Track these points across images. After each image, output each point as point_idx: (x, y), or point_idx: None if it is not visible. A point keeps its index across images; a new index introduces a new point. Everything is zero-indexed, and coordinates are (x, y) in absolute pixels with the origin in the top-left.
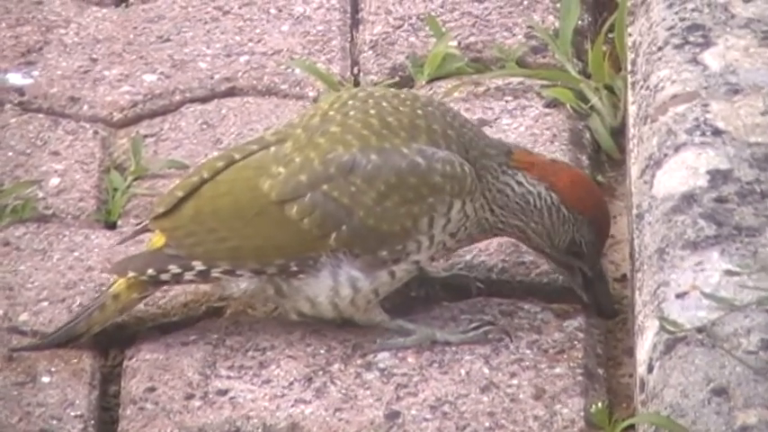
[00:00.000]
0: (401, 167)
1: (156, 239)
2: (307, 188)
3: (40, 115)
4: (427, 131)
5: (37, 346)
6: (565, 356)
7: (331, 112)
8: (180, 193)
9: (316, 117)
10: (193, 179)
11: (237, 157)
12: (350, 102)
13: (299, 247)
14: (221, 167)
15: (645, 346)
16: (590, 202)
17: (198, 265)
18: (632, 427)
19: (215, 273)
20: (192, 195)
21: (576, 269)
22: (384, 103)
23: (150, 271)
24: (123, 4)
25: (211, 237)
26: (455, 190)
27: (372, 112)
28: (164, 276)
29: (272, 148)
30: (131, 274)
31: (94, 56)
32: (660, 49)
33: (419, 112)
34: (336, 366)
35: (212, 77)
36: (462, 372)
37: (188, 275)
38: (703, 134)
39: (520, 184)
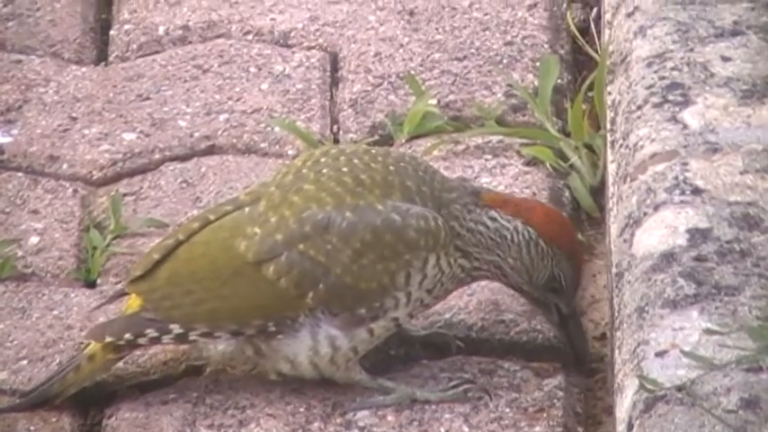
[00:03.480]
0: (376, 225)
1: (132, 302)
2: (283, 248)
3: (20, 174)
4: (401, 188)
5: (12, 408)
6: (544, 415)
7: (304, 170)
8: (156, 256)
9: (289, 175)
10: (169, 242)
11: (212, 218)
12: (322, 159)
13: (277, 306)
14: (196, 229)
15: (624, 404)
16: (566, 236)
17: (176, 328)
18: None
19: (193, 335)
20: (168, 258)
21: (553, 306)
22: (356, 160)
23: (127, 335)
24: (103, 63)
25: (188, 299)
26: (429, 244)
27: (345, 169)
28: (141, 341)
29: (247, 209)
30: (109, 339)
31: (74, 114)
32: (639, 107)
33: (391, 168)
34: (316, 425)
35: (192, 136)
36: (442, 430)
37: (165, 338)
38: (683, 193)
39: (494, 219)
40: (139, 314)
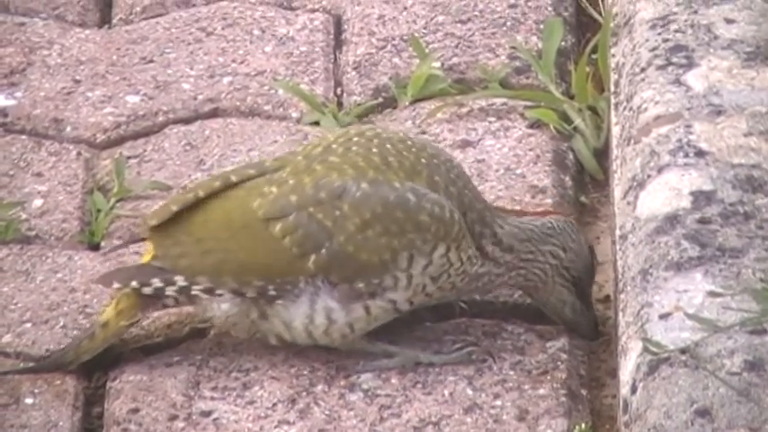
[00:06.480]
0: (389, 199)
1: (145, 257)
2: (294, 208)
3: (24, 137)
4: (427, 179)
5: (20, 372)
6: (548, 377)
7: (334, 145)
8: (174, 208)
9: (318, 147)
10: (188, 196)
11: (234, 179)
12: (355, 138)
13: (279, 266)
14: (217, 187)
15: (628, 366)
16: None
17: (180, 280)
18: None
19: (195, 290)
20: (186, 210)
21: (572, 297)
22: (389, 145)
23: (133, 283)
24: (106, 26)
25: (197, 248)
26: (440, 233)
27: (375, 150)
28: (146, 290)
29: (269, 175)
30: (116, 285)
31: (78, 77)
32: (643, 70)
33: (423, 161)
34: (320, 387)
35: (195, 98)
36: (446, 393)
37: (169, 290)
38: (686, 155)
39: (526, 222)
40: (149, 264)
